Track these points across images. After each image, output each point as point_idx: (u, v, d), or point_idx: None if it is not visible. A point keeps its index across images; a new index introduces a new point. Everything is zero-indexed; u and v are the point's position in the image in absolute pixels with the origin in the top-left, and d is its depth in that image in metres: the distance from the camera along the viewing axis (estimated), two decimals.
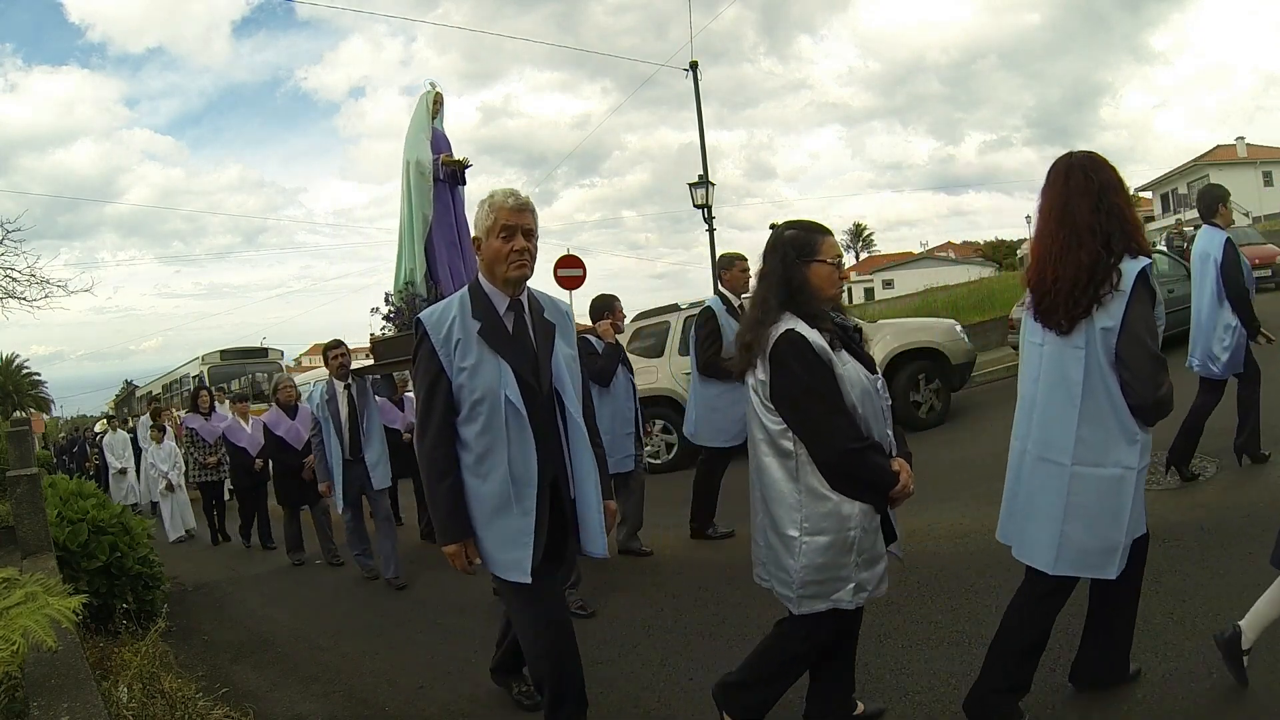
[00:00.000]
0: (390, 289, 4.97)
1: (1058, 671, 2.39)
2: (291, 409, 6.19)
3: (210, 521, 7.74)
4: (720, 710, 2.22)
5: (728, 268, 4.66)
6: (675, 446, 7.27)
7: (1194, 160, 36.06)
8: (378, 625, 4.13)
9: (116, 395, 25.19)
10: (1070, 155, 2.03)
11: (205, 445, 7.45)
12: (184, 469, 8.23)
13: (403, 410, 6.55)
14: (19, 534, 3.55)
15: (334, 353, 5.13)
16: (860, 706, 2.31)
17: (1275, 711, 2.03)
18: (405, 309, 4.70)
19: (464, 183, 4.89)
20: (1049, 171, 2.05)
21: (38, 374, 39.10)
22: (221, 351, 15.79)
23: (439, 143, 4.77)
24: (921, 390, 6.92)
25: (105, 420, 18.37)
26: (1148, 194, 40.44)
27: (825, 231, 2.07)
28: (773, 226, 2.20)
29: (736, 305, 4.45)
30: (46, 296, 8.27)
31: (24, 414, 25.42)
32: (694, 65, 13.38)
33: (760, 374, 1.98)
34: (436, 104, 4.82)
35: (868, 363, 2.03)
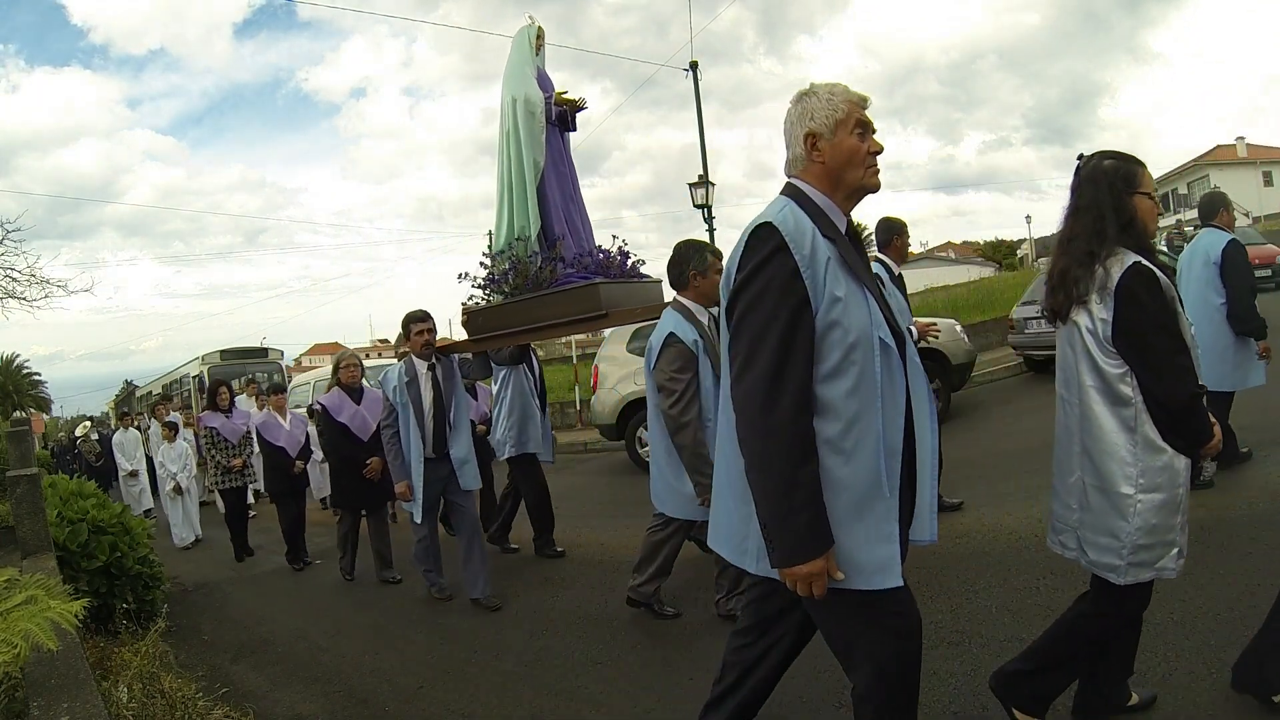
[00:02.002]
0: (488, 248, 4.17)
1: None
2: (356, 391, 5.11)
3: (234, 532, 6.81)
4: (1004, 702, 2.07)
5: (899, 234, 4.23)
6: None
7: (1194, 160, 36.08)
8: (378, 625, 4.13)
9: (116, 395, 25.19)
10: None
11: (228, 446, 6.54)
12: (194, 471, 7.92)
13: (475, 398, 5.42)
14: (19, 534, 3.56)
15: (419, 326, 4.18)
16: (1134, 696, 2.14)
17: (1276, 711, 2.02)
18: (517, 270, 3.93)
19: (574, 128, 4.26)
20: None
21: (38, 374, 39.11)
22: (221, 351, 15.78)
23: (544, 83, 4.14)
24: None
25: (87, 422, 18.24)
26: None
27: (1142, 163, 1.92)
28: (1080, 157, 2.00)
29: (898, 274, 4.12)
30: (46, 296, 8.25)
31: (24, 414, 25.43)
32: (694, 65, 13.38)
33: (1100, 312, 1.81)
34: (539, 40, 4.18)
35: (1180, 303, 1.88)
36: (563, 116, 4.13)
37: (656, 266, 4.11)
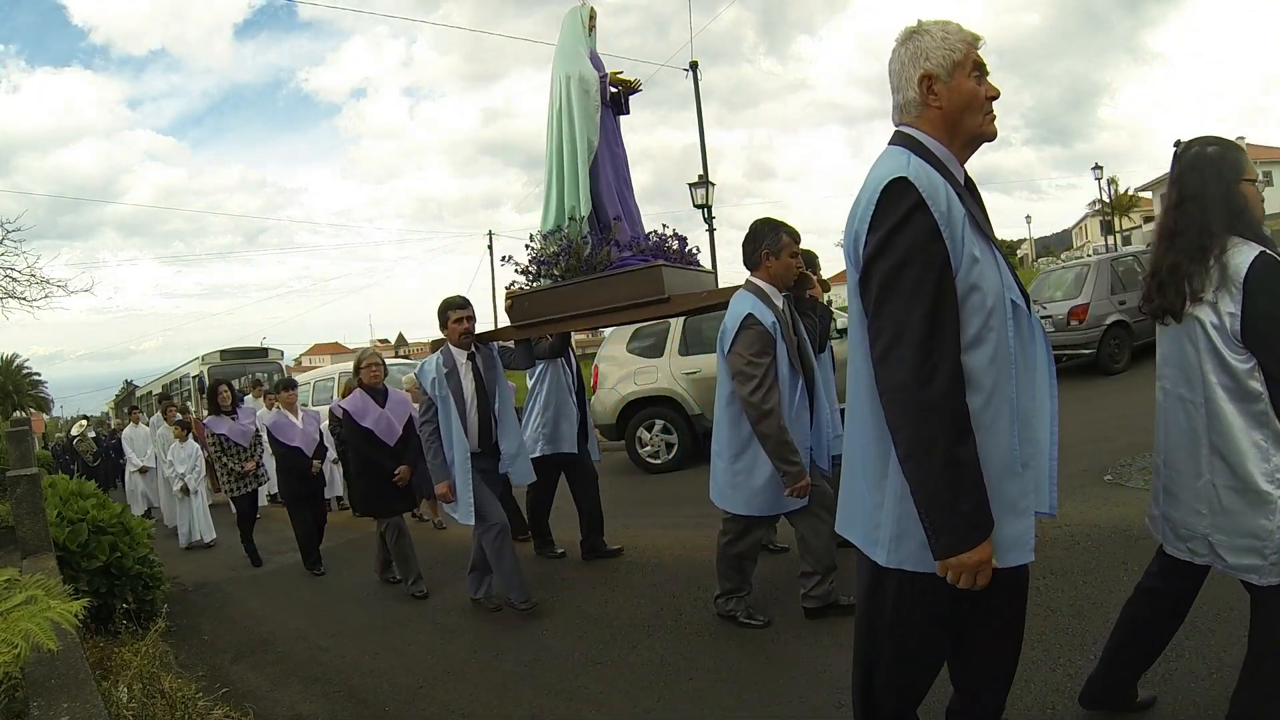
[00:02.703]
0: (538, 229, 3.95)
1: (1057, 671, 2.39)
2: (379, 393, 4.79)
3: (248, 538, 6.34)
4: None
5: None
6: (675, 446, 7.27)
7: None
8: (378, 625, 4.13)
9: (116, 395, 25.20)
10: None
11: (239, 451, 6.10)
12: (203, 473, 7.76)
13: None
14: (19, 534, 3.56)
15: (458, 313, 3.92)
16: (1138, 695, 2.12)
17: None
18: (570, 252, 3.70)
19: (628, 110, 4.09)
20: None
21: (38, 374, 39.13)
22: (221, 351, 15.79)
23: (596, 64, 3.97)
24: None
25: (83, 421, 18.25)
26: (1148, 194, 40.45)
27: (1243, 148, 1.87)
28: (1177, 144, 1.91)
29: None
30: (46, 296, 8.26)
31: (24, 414, 25.44)
32: (694, 65, 13.39)
33: (1227, 306, 1.72)
34: (591, 21, 4.02)
35: None
36: (616, 99, 3.99)
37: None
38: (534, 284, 3.94)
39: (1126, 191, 40.89)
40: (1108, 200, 34.02)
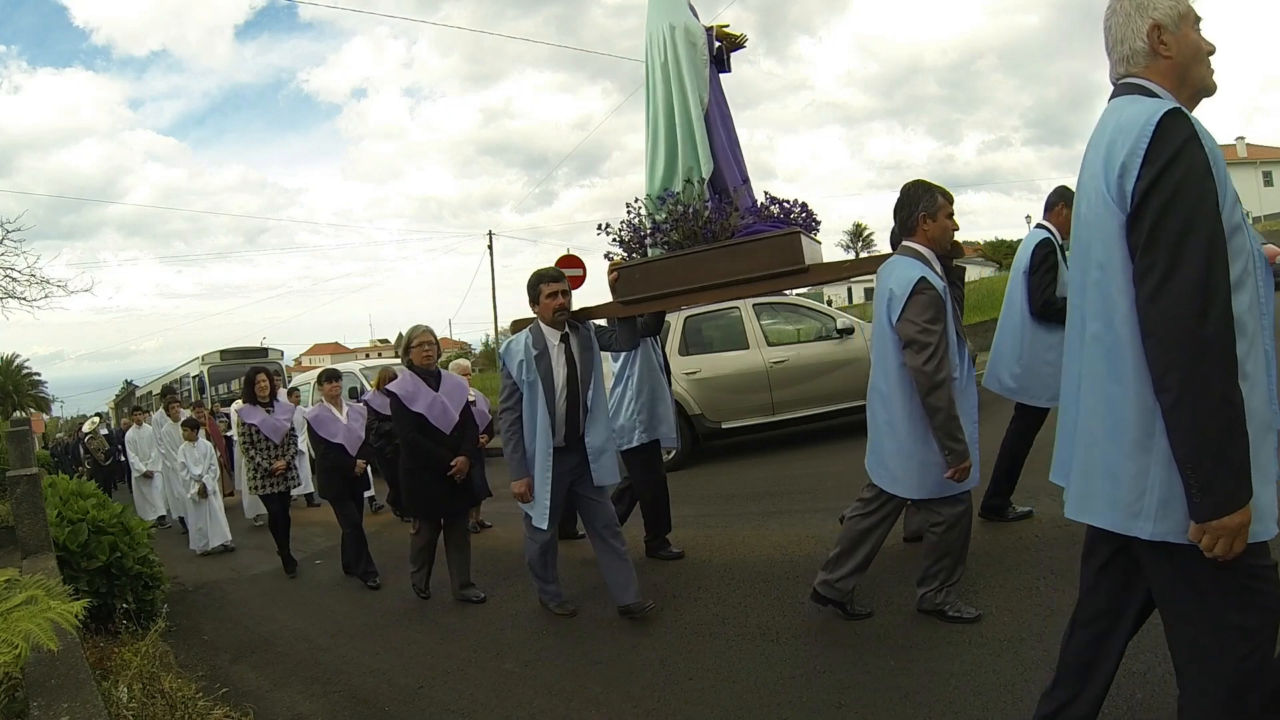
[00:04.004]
0: (645, 193, 3.55)
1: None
2: (433, 375, 4.23)
3: (280, 543, 5.85)
4: None
5: (1067, 201, 3.66)
6: (675, 447, 7.27)
7: None
8: (378, 625, 4.13)
9: (116, 395, 25.23)
10: None
11: (270, 446, 5.58)
12: (218, 473, 7.49)
13: None
14: (19, 534, 3.56)
15: (552, 286, 3.48)
16: None
17: None
18: (693, 216, 3.31)
19: (729, 69, 3.70)
20: None
21: (38, 374, 39.20)
22: (221, 351, 15.82)
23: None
24: None
25: (95, 418, 18.27)
26: None
27: None
28: None
29: (1060, 244, 3.66)
30: (46, 296, 8.32)
31: (24, 414, 25.47)
32: None
33: None
34: None
35: None
36: (719, 55, 3.62)
37: None
38: (632, 255, 3.54)
39: None
40: None
